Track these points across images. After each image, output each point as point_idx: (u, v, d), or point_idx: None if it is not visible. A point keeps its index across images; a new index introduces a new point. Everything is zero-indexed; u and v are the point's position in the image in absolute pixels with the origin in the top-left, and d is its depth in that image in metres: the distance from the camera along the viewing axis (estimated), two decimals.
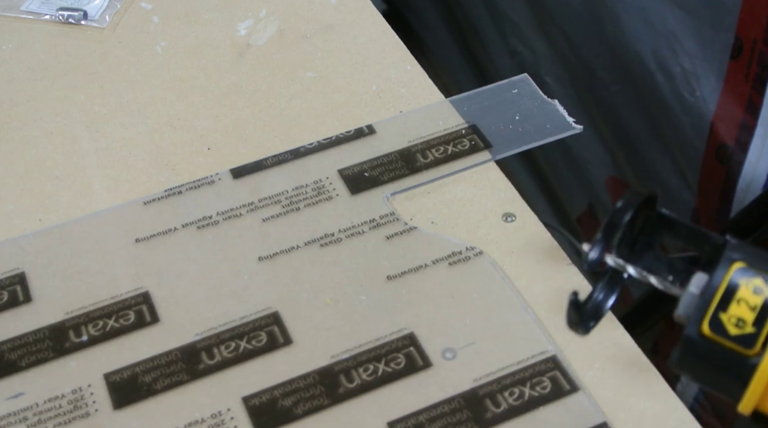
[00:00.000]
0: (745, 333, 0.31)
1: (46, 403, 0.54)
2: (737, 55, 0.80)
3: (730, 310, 0.32)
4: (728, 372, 0.32)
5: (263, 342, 0.56)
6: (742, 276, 0.32)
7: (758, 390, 0.32)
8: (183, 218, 0.64)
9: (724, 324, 0.32)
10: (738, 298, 0.32)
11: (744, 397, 0.32)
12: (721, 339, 0.32)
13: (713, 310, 0.32)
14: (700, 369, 0.33)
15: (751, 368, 0.31)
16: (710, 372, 0.33)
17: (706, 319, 0.32)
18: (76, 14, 0.80)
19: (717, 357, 0.32)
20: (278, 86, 0.74)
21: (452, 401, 0.53)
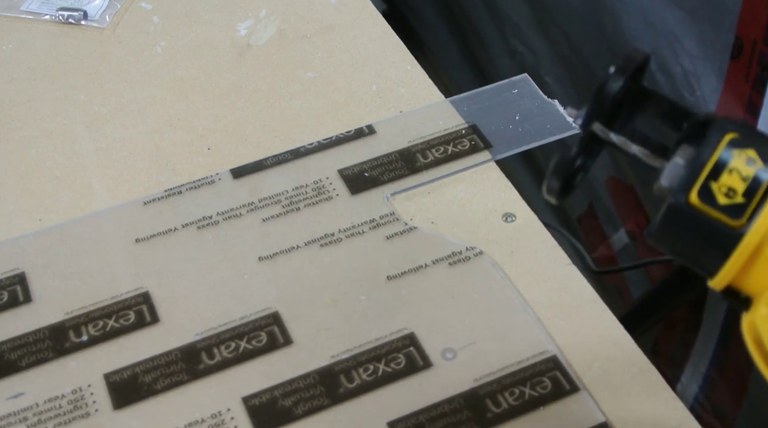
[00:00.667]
0: (735, 204, 0.31)
1: (46, 403, 0.54)
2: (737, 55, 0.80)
3: (722, 179, 0.31)
4: (710, 243, 0.31)
5: (263, 342, 0.56)
6: (735, 146, 0.31)
7: (739, 262, 0.31)
8: (183, 218, 0.64)
9: (714, 193, 0.31)
10: (730, 168, 0.31)
11: (722, 270, 0.32)
12: (708, 208, 0.31)
13: (704, 178, 0.31)
14: (681, 239, 0.33)
15: (735, 239, 0.31)
16: (691, 243, 0.32)
17: (696, 187, 0.31)
18: (76, 14, 0.80)
19: (701, 227, 0.31)
20: (278, 86, 0.74)
21: (452, 401, 0.53)
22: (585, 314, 0.57)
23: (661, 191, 0.33)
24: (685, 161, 0.32)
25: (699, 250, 0.32)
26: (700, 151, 0.31)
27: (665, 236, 0.33)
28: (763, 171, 0.31)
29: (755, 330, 0.32)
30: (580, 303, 0.58)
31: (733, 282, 0.32)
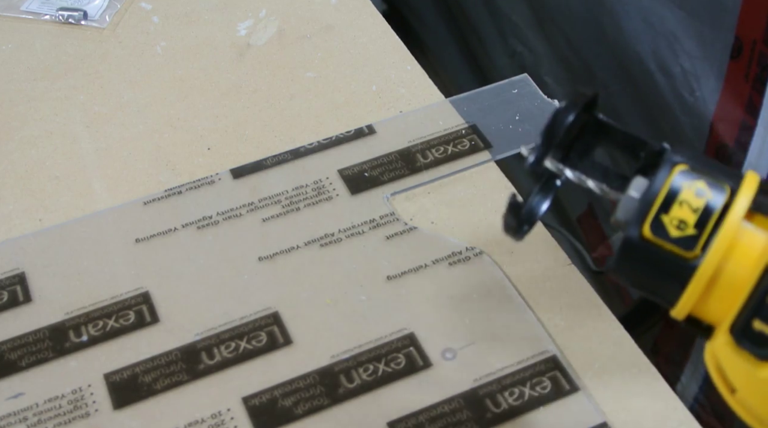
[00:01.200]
0: (687, 236, 0.31)
1: (46, 403, 0.54)
2: (737, 55, 0.80)
3: (672, 212, 0.31)
4: (667, 275, 0.32)
5: (263, 342, 0.56)
6: (685, 178, 0.31)
7: (696, 292, 0.31)
8: (183, 218, 0.64)
9: (665, 226, 0.31)
10: (680, 200, 0.31)
11: (680, 301, 0.32)
12: (661, 241, 0.31)
13: (655, 212, 0.31)
14: (638, 272, 0.33)
15: (690, 270, 0.31)
16: (649, 275, 0.33)
17: (648, 221, 0.32)
18: (76, 14, 0.80)
19: (656, 260, 0.32)
20: (278, 86, 0.74)
21: (452, 401, 0.53)
22: (585, 314, 0.57)
23: (618, 224, 0.33)
24: (639, 194, 0.32)
25: (657, 283, 0.33)
26: (651, 183, 0.32)
27: (624, 270, 0.33)
28: (713, 202, 0.31)
29: (716, 359, 0.32)
30: (580, 303, 0.58)
31: (693, 312, 0.33)
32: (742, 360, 0.30)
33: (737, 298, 0.31)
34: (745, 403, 0.31)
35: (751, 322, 0.30)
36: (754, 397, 0.31)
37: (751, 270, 0.30)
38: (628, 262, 0.33)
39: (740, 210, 0.31)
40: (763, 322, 0.30)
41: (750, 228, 0.31)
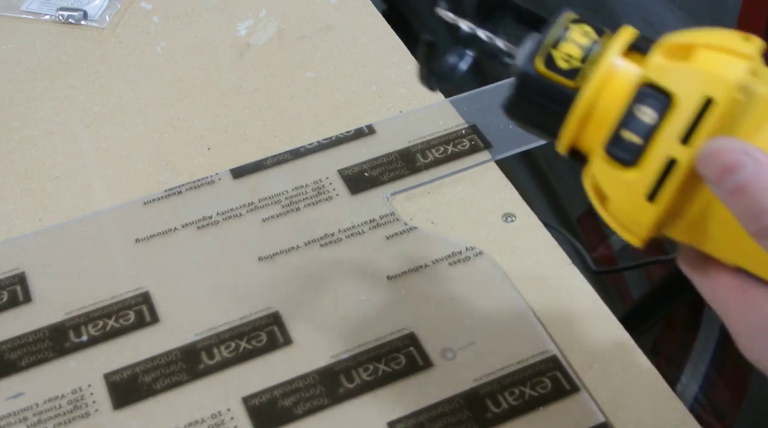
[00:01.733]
0: (572, 68, 0.36)
1: (46, 403, 0.54)
2: None
3: (561, 48, 0.36)
4: (554, 104, 0.36)
5: (263, 342, 0.56)
6: (573, 22, 0.37)
7: (576, 119, 0.36)
8: (183, 218, 0.64)
9: (555, 59, 0.36)
10: (568, 38, 0.36)
11: (564, 128, 0.36)
12: (551, 73, 0.36)
13: (547, 47, 0.36)
14: (530, 106, 0.37)
15: (573, 97, 0.36)
16: (539, 108, 0.37)
17: (541, 55, 0.36)
18: (76, 14, 0.80)
19: (546, 91, 0.36)
20: (278, 86, 0.74)
21: (452, 401, 0.53)
22: (585, 314, 0.57)
23: (516, 70, 0.37)
24: (533, 43, 0.37)
25: (546, 115, 0.37)
26: (545, 28, 0.37)
27: (518, 106, 0.37)
28: (596, 42, 0.36)
29: (594, 181, 0.36)
30: (580, 303, 0.58)
31: (575, 143, 0.37)
32: (613, 169, 0.35)
33: (611, 125, 0.35)
34: (614, 210, 0.36)
35: (620, 133, 0.34)
36: (621, 199, 0.35)
37: (622, 98, 0.35)
38: (522, 97, 0.37)
39: (618, 46, 0.36)
40: (631, 132, 0.34)
41: (625, 64, 0.36)
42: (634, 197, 0.35)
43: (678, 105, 0.34)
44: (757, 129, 0.33)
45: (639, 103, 0.34)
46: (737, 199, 0.32)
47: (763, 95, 0.33)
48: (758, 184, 0.32)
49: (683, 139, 0.33)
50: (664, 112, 0.34)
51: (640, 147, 0.34)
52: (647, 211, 0.35)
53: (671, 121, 0.34)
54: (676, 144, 0.33)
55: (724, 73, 0.33)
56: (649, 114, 0.34)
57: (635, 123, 0.34)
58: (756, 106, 0.33)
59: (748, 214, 0.32)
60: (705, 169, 0.33)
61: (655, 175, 0.34)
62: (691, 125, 0.33)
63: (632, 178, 0.34)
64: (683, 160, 0.33)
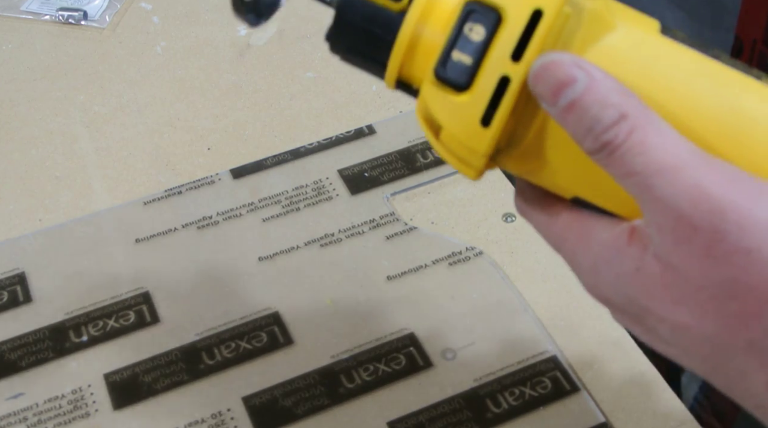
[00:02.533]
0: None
1: (46, 403, 0.54)
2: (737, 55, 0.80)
3: None
4: (379, 31, 0.34)
5: (263, 342, 0.56)
6: None
7: (402, 46, 0.33)
8: (183, 218, 0.64)
9: None
10: None
11: (390, 57, 0.34)
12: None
13: None
14: (353, 36, 0.35)
15: (398, 21, 0.33)
16: (363, 37, 0.35)
17: None
18: (76, 14, 0.80)
19: (369, 16, 0.34)
20: (278, 86, 0.74)
21: (452, 401, 0.53)
22: (585, 314, 0.57)
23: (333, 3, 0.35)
24: None
25: (371, 43, 0.35)
26: None
27: (341, 34, 0.35)
28: None
29: (425, 110, 0.34)
30: (580, 303, 0.58)
31: (405, 74, 0.35)
32: (444, 93, 0.33)
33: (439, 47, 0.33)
34: (447, 140, 0.34)
35: (450, 54, 0.32)
36: (454, 126, 0.33)
37: (450, 18, 0.33)
38: (344, 24, 0.35)
39: None
40: (460, 52, 0.32)
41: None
42: (467, 123, 0.33)
43: (507, 19, 0.32)
44: (586, 44, 0.32)
45: (467, 20, 0.32)
46: (572, 116, 0.31)
47: (590, 10, 0.32)
48: (593, 97, 0.31)
49: (514, 55, 0.32)
50: (494, 28, 0.32)
51: (470, 67, 0.32)
52: (481, 137, 0.33)
53: (501, 37, 0.32)
54: (507, 61, 0.32)
55: None
56: (478, 31, 0.32)
57: (464, 42, 0.32)
58: (584, 21, 0.32)
59: (584, 131, 0.31)
60: (538, 86, 0.32)
61: (488, 96, 0.32)
62: (520, 39, 0.32)
63: (464, 101, 0.33)
64: (516, 78, 0.32)
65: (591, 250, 0.34)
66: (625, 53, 0.33)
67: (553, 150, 0.33)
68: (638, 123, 0.31)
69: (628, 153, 0.31)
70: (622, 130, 0.31)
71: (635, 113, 0.31)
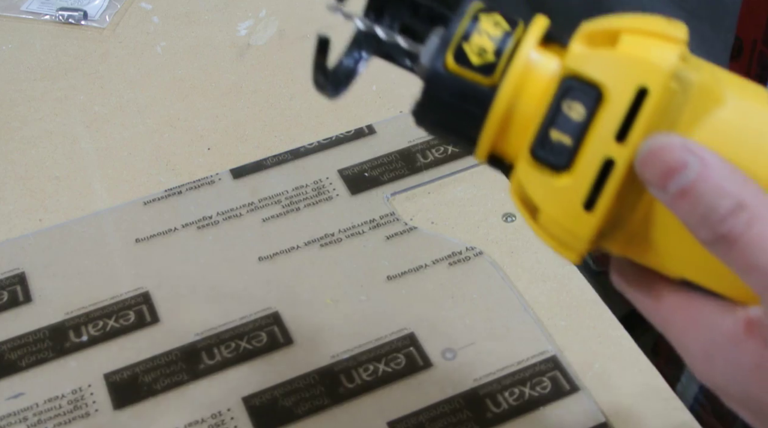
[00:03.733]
0: (486, 62, 0.32)
1: (46, 403, 0.54)
2: (737, 56, 0.80)
3: (473, 41, 0.32)
4: (470, 105, 0.32)
5: (263, 342, 0.56)
6: (482, 12, 0.33)
7: (495, 120, 0.32)
8: (183, 218, 0.64)
9: (467, 54, 0.32)
10: (479, 30, 0.32)
11: (483, 132, 0.32)
12: (464, 70, 0.32)
13: (458, 41, 0.32)
14: (442, 109, 0.33)
15: (490, 96, 0.32)
16: (452, 111, 0.33)
17: (451, 50, 0.32)
18: (76, 14, 0.80)
19: (460, 90, 0.32)
20: (278, 86, 0.74)
21: (452, 401, 0.53)
22: (585, 314, 0.57)
23: (422, 70, 0.34)
24: (440, 38, 0.33)
25: (460, 118, 0.33)
26: (451, 21, 0.33)
27: (428, 109, 0.34)
28: (509, 32, 0.32)
29: (521, 190, 0.33)
30: (580, 303, 0.58)
31: (495, 149, 0.33)
32: (542, 175, 0.31)
33: (535, 125, 0.31)
34: (546, 223, 0.32)
35: (548, 133, 0.31)
36: (553, 209, 0.31)
37: (546, 94, 0.31)
38: (433, 99, 0.33)
39: (534, 36, 0.32)
40: (559, 131, 0.31)
41: (544, 56, 0.32)
42: (568, 206, 0.31)
43: (609, 98, 0.30)
44: (694, 122, 0.30)
45: (565, 97, 0.31)
46: (684, 204, 0.29)
47: (698, 84, 0.30)
48: (706, 185, 0.29)
49: (618, 136, 0.30)
50: (595, 107, 0.30)
51: (571, 148, 0.31)
52: (585, 222, 0.31)
53: (603, 116, 0.30)
54: (611, 142, 0.30)
55: (656, 59, 0.30)
56: (578, 109, 0.30)
57: (563, 120, 0.31)
58: (691, 96, 0.30)
59: (698, 220, 0.29)
60: (646, 171, 0.30)
61: (592, 179, 0.30)
62: (625, 120, 0.30)
63: (565, 184, 0.31)
64: (621, 161, 0.30)
65: (702, 336, 0.32)
66: (737, 130, 0.31)
67: (661, 233, 0.32)
68: (758, 213, 0.29)
69: (747, 247, 0.29)
70: (741, 221, 0.29)
71: (754, 202, 0.29)
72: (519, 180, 0.32)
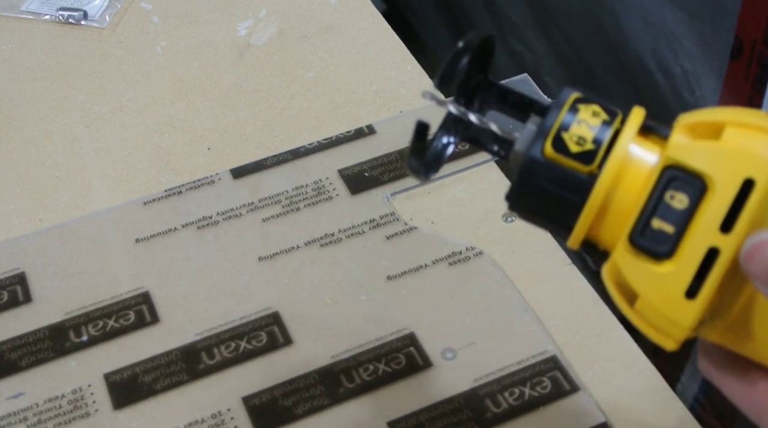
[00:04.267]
0: (585, 150, 0.32)
1: (46, 403, 0.54)
2: (737, 55, 0.80)
3: (572, 130, 0.32)
4: (567, 191, 0.32)
5: (263, 342, 0.56)
6: (581, 101, 0.33)
7: (594, 207, 0.32)
8: (183, 218, 0.64)
9: (566, 142, 0.32)
10: (578, 119, 0.32)
11: (580, 218, 0.32)
12: (562, 157, 0.32)
13: (557, 130, 0.32)
14: (538, 195, 0.33)
15: (589, 184, 0.32)
16: (549, 197, 0.33)
17: (550, 138, 0.32)
18: (76, 14, 0.80)
19: (557, 177, 0.32)
20: (278, 86, 0.74)
21: (452, 401, 0.53)
22: (585, 314, 0.57)
23: (517, 159, 0.34)
24: (537, 126, 0.33)
25: (557, 205, 0.33)
26: (551, 109, 0.33)
27: (524, 195, 0.34)
28: (608, 121, 0.32)
29: (614, 272, 0.32)
30: (580, 303, 0.58)
31: (590, 235, 0.33)
32: (642, 261, 0.31)
33: (632, 216, 0.31)
34: (644, 310, 0.32)
35: (649, 222, 0.31)
36: (654, 296, 0.31)
37: (646, 184, 0.31)
38: (529, 185, 0.33)
39: (634, 126, 0.32)
40: (661, 220, 0.31)
41: (645, 146, 0.32)
42: (670, 294, 0.31)
43: (714, 188, 0.30)
44: None
45: (668, 187, 0.31)
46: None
47: None
48: None
49: (723, 226, 0.30)
50: (699, 197, 0.30)
51: (673, 236, 0.31)
52: (686, 309, 0.31)
53: (708, 206, 0.30)
54: (715, 232, 0.30)
55: (761, 152, 0.30)
56: (682, 199, 0.30)
57: (665, 209, 0.31)
58: None
59: None
60: (751, 264, 0.30)
61: (694, 268, 0.30)
62: (731, 210, 0.30)
63: (667, 271, 0.31)
64: (726, 251, 0.30)
65: None
66: None
67: (762, 324, 0.32)
68: None
69: None
70: None
71: None
72: (616, 266, 0.32)
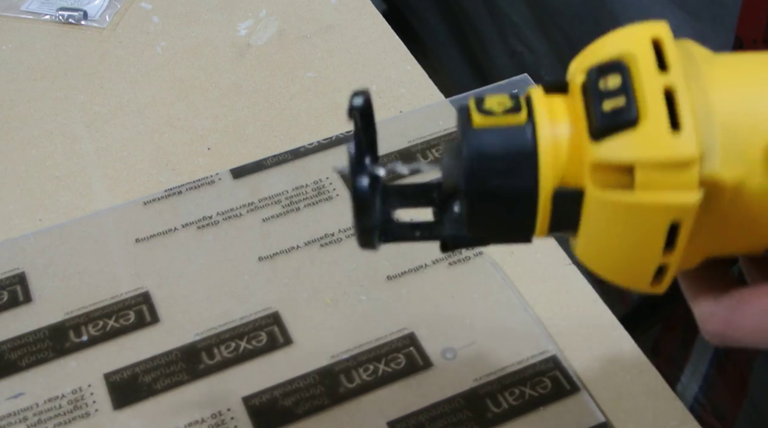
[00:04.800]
0: (508, 107, 0.33)
1: (46, 403, 0.54)
2: None
3: (487, 102, 0.33)
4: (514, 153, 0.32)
5: (263, 342, 0.56)
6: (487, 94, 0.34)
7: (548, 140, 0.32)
8: (183, 218, 0.64)
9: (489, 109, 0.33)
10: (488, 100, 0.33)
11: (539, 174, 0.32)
12: (493, 118, 0.33)
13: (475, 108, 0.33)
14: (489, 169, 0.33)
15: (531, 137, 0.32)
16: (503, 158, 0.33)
17: (473, 114, 0.33)
18: (76, 14, 0.80)
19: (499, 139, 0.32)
20: (278, 86, 0.74)
21: (452, 401, 0.53)
22: (585, 314, 0.57)
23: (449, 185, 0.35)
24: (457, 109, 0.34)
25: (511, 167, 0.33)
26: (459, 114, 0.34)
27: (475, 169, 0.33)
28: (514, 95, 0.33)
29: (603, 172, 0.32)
30: (580, 303, 0.58)
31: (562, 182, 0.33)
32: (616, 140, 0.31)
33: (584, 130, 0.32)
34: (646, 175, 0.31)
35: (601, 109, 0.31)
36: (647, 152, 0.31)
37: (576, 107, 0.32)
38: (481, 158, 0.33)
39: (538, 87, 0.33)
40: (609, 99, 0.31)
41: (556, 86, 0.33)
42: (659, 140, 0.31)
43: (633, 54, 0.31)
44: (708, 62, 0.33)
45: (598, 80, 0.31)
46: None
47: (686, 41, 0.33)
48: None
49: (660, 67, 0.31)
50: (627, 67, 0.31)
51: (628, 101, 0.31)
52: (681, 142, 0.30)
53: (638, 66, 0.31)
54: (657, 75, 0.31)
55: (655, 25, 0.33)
56: (614, 77, 0.31)
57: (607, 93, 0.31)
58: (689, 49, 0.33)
59: None
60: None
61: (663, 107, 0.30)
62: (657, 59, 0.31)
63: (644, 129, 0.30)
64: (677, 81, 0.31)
65: None
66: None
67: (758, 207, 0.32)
68: None
69: None
70: None
71: None
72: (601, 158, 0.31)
